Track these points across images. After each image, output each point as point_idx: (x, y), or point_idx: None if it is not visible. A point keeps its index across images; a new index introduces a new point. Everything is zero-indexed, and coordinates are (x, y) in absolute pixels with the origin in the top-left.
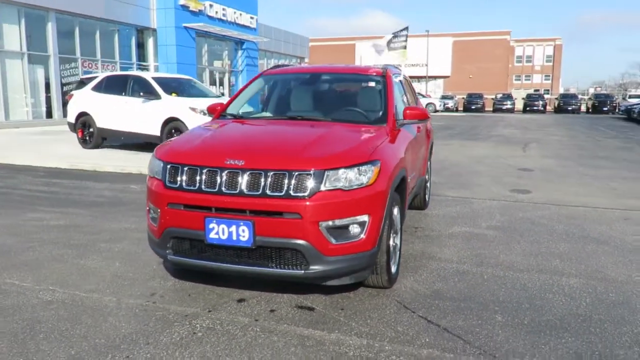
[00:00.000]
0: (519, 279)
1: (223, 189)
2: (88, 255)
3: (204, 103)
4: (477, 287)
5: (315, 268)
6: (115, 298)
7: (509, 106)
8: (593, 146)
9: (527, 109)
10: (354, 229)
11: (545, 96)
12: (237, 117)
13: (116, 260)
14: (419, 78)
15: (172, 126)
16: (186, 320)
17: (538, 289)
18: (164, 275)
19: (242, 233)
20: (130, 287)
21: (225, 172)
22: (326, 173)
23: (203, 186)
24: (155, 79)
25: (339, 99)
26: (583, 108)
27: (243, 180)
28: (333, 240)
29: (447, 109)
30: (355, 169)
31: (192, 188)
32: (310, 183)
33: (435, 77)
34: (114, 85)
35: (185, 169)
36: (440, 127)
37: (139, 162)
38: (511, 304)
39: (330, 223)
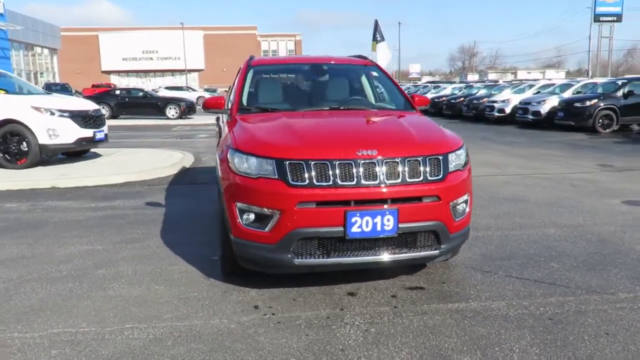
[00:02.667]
0: (520, 236)
1: (362, 180)
2: (103, 285)
3: (48, 101)
4: (504, 247)
5: (444, 246)
6: (222, 320)
7: None
8: None
9: None
10: (463, 207)
11: None
12: (265, 111)
13: (151, 284)
14: (173, 72)
15: (7, 130)
16: (337, 322)
17: (544, 241)
18: (233, 287)
19: (387, 223)
20: (214, 306)
21: (361, 163)
22: (449, 156)
23: (338, 180)
24: None
25: (357, 88)
26: None
27: (381, 170)
28: (455, 219)
29: None
30: (459, 151)
31: (325, 184)
32: (442, 166)
33: (190, 71)
34: None
35: (312, 164)
36: None
37: None
38: (544, 254)
39: (452, 202)
